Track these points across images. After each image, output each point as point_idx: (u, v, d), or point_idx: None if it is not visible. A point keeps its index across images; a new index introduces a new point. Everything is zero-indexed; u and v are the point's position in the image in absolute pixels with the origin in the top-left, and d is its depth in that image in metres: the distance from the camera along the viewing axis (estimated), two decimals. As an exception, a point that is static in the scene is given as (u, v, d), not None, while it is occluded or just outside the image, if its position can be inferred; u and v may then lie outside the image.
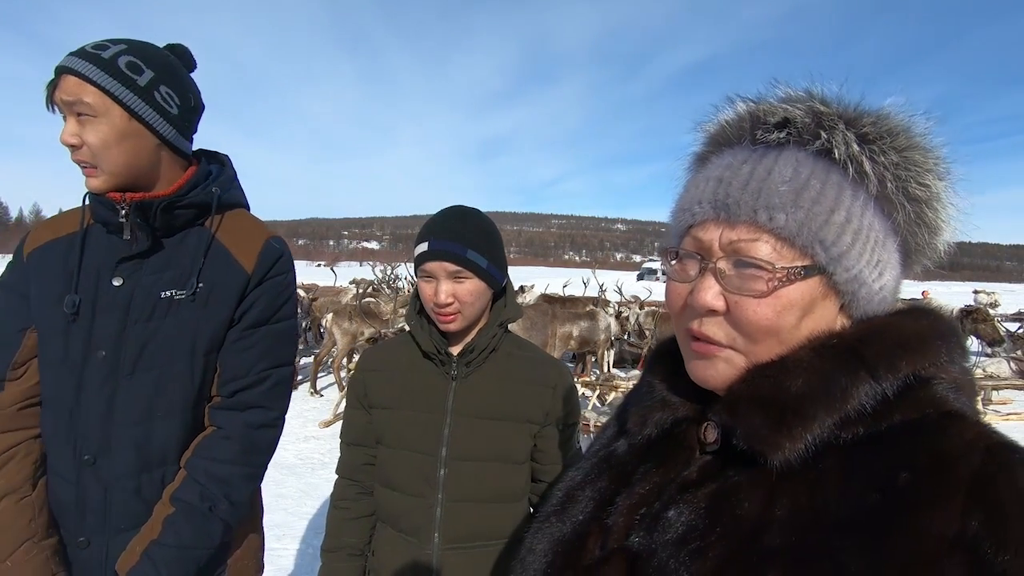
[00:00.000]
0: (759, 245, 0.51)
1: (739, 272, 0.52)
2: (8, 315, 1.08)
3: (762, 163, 0.53)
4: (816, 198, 0.50)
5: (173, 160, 1.10)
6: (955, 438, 0.45)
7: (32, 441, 1.06)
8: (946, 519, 0.41)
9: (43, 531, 1.03)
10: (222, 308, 1.08)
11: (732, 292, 0.52)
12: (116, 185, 1.03)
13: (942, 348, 0.50)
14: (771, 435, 0.49)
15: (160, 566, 1.00)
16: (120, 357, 1.03)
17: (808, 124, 0.52)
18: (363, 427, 1.23)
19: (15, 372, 1.06)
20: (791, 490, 0.47)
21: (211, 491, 1.06)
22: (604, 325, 8.19)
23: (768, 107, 0.55)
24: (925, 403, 0.48)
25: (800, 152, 0.53)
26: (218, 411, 1.11)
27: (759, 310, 0.51)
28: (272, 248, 1.15)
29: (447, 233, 1.12)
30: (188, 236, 1.10)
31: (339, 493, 1.26)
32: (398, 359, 1.22)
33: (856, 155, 0.51)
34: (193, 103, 1.11)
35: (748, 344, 0.52)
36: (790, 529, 0.45)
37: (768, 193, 0.51)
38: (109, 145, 1.00)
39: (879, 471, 0.45)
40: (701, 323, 0.54)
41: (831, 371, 0.49)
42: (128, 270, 1.05)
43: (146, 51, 1.04)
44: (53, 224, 1.12)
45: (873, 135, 0.51)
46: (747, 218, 0.51)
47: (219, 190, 1.12)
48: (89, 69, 0.97)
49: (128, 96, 1.00)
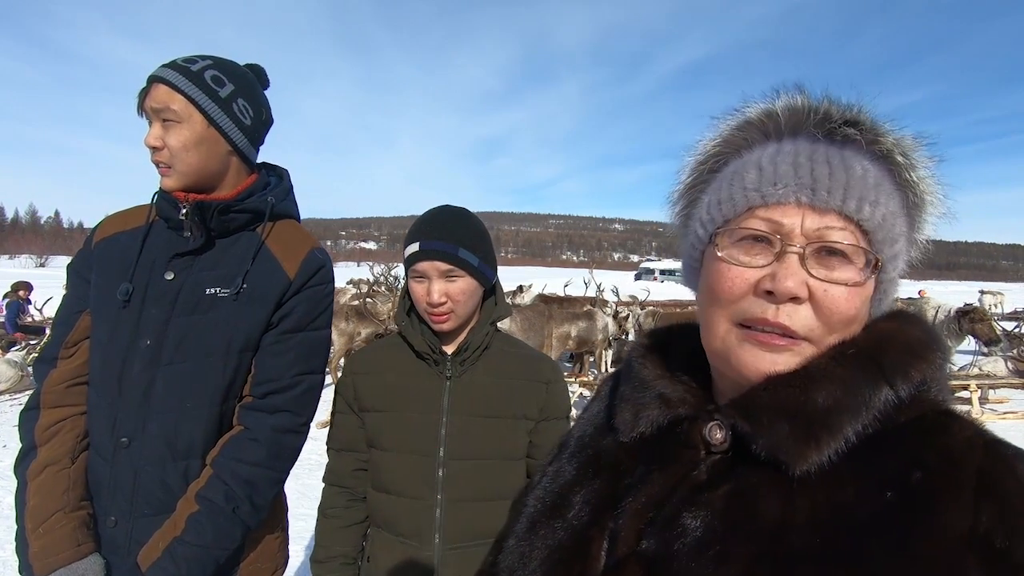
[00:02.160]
0: (847, 235, 0.51)
1: (826, 260, 0.50)
2: (71, 297, 1.17)
3: (840, 155, 0.52)
4: (888, 198, 0.52)
5: (240, 168, 1.19)
6: (956, 436, 0.46)
7: (77, 417, 1.13)
8: (959, 514, 0.42)
9: (75, 503, 1.08)
10: (261, 310, 1.13)
11: (821, 280, 0.50)
12: (185, 185, 1.12)
13: (937, 353, 0.52)
14: (797, 446, 0.47)
15: (180, 563, 1.04)
16: (162, 347, 1.09)
17: (870, 126, 0.53)
18: (353, 431, 1.21)
19: (68, 351, 1.14)
20: (809, 491, 0.47)
21: (236, 492, 1.08)
22: (602, 325, 8.19)
23: (831, 104, 0.55)
24: (925, 404, 0.50)
25: (866, 152, 0.53)
26: (248, 411, 1.14)
27: (850, 300, 0.50)
28: (315, 258, 1.20)
29: (438, 232, 1.12)
30: (240, 239, 1.17)
31: (328, 501, 1.22)
32: (388, 361, 1.21)
33: (904, 162, 0.53)
34: (264, 117, 1.21)
35: (825, 335, 0.50)
36: (813, 530, 0.45)
37: (855, 184, 0.50)
38: (188, 148, 1.09)
39: (892, 470, 0.45)
40: (778, 312, 0.50)
41: (855, 381, 0.48)
42: (180, 265, 1.12)
43: (228, 67, 1.15)
44: (123, 217, 1.20)
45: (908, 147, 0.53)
46: (836, 206, 0.50)
47: (273, 200, 1.19)
48: (179, 80, 1.07)
49: (210, 105, 1.09)
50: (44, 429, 1.11)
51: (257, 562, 1.20)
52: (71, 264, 1.20)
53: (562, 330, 7.72)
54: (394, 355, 1.21)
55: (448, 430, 1.14)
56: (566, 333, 7.78)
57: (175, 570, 1.04)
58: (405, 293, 1.21)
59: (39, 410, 1.12)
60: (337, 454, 1.23)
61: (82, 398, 1.14)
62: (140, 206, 1.20)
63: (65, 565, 1.04)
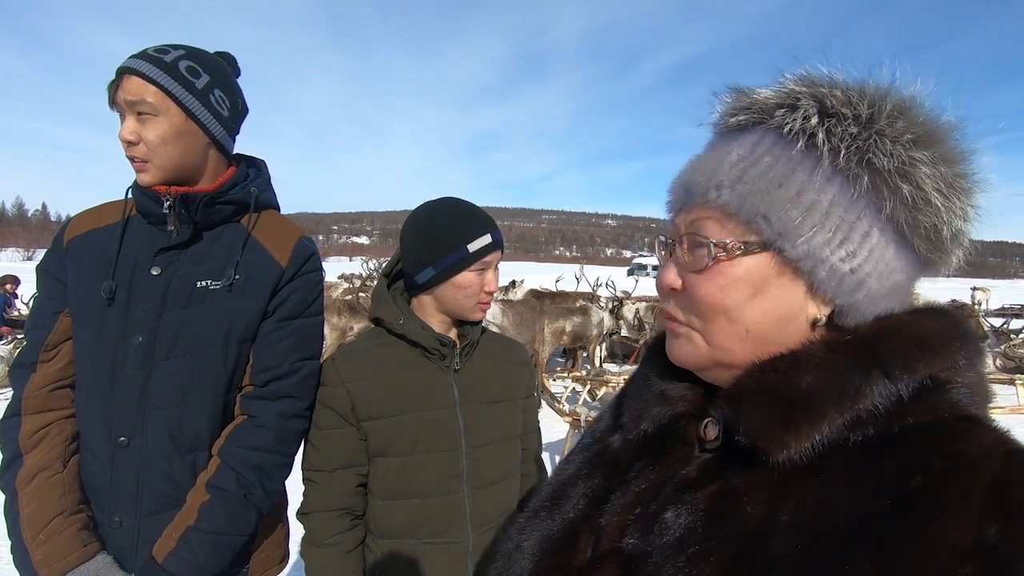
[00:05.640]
0: (708, 223, 0.52)
1: (691, 252, 0.53)
2: (45, 299, 1.14)
3: (725, 146, 0.53)
4: (763, 173, 0.50)
5: (218, 160, 1.17)
6: (973, 443, 0.43)
7: (64, 421, 1.11)
8: (962, 526, 0.39)
9: (73, 506, 1.07)
10: (256, 299, 1.13)
11: (684, 270, 0.54)
12: (164, 179, 1.09)
13: (961, 351, 0.48)
14: (776, 431, 0.47)
15: (197, 550, 1.04)
16: (155, 343, 1.08)
17: (769, 104, 0.51)
18: (352, 445, 1.14)
19: (48, 354, 1.11)
20: (796, 493, 0.45)
21: (246, 478, 1.08)
22: (597, 320, 8.21)
23: (742, 93, 0.54)
24: (942, 406, 0.46)
25: (766, 132, 0.52)
26: (251, 400, 1.14)
27: (702, 286, 0.52)
28: (304, 246, 1.20)
29: (494, 224, 1.19)
30: (225, 231, 1.15)
31: (325, 530, 1.12)
32: (384, 363, 1.16)
33: (809, 128, 0.49)
34: (240, 107, 1.19)
35: (701, 323, 0.53)
36: (796, 534, 0.43)
37: (719, 172, 0.51)
38: (166, 142, 1.06)
39: (890, 475, 0.43)
40: (668, 303, 0.56)
41: (844, 368, 0.47)
42: (166, 260, 1.10)
43: (202, 57, 1.12)
44: (95, 214, 1.17)
45: (835, 108, 0.49)
46: (701, 198, 0.52)
47: (257, 190, 1.18)
48: (152, 71, 1.04)
49: (187, 97, 1.06)
50: (28, 436, 1.07)
51: (268, 549, 1.22)
52: (41, 265, 1.16)
53: (556, 325, 7.73)
54: (387, 355, 1.17)
55: (465, 421, 1.16)
56: (560, 328, 7.79)
57: (192, 558, 1.03)
58: (395, 293, 1.20)
59: (20, 416, 1.08)
60: (331, 475, 1.13)
61: (67, 401, 1.11)
62: (112, 203, 1.17)
63: (73, 568, 1.01)
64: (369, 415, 1.13)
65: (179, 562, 1.02)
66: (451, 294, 1.15)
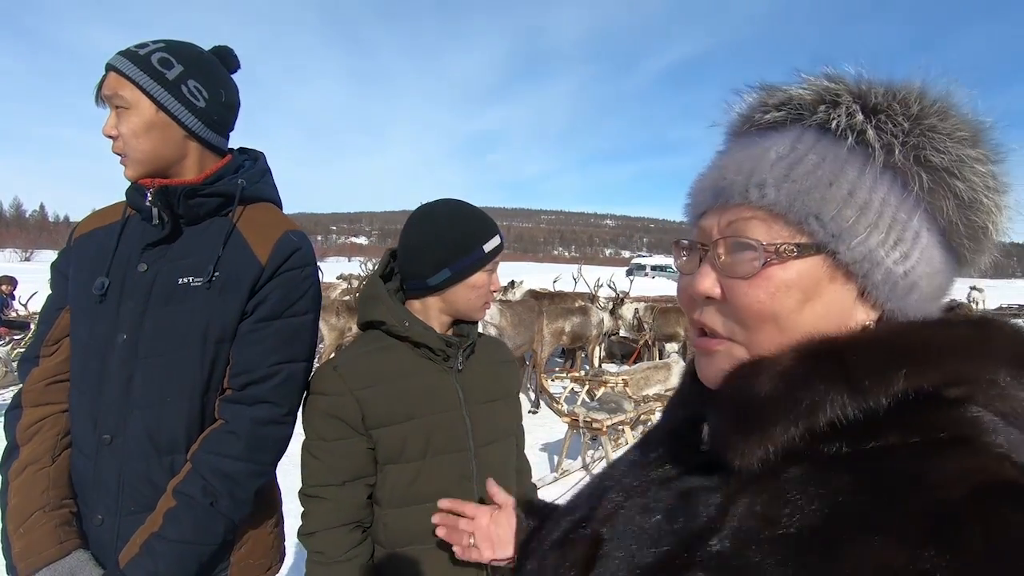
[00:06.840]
0: (752, 224, 0.48)
1: (733, 256, 0.49)
2: (53, 295, 1.17)
3: (760, 144, 0.50)
4: (812, 171, 0.47)
5: (203, 153, 1.14)
6: (948, 464, 0.39)
7: (58, 415, 1.12)
8: (893, 547, 0.36)
9: (55, 502, 1.06)
10: (234, 298, 1.09)
11: (725, 276, 0.49)
12: (143, 173, 1.08)
13: (986, 366, 0.43)
14: (730, 436, 0.47)
15: (159, 559, 1.00)
16: (138, 341, 1.07)
17: (807, 101, 0.49)
18: (362, 455, 1.10)
19: (49, 348, 1.13)
20: (749, 497, 0.45)
21: (214, 486, 1.05)
22: (596, 320, 8.21)
23: (772, 90, 0.52)
24: (940, 426, 0.41)
25: (804, 130, 0.49)
26: (227, 404, 1.10)
27: (750, 292, 0.47)
28: (288, 241, 1.14)
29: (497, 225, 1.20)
30: (211, 226, 1.12)
31: (336, 547, 1.07)
32: (390, 367, 1.13)
33: (857, 125, 0.47)
34: (225, 99, 1.15)
35: (746, 333, 0.49)
36: (734, 537, 0.43)
37: (760, 170, 0.48)
38: (137, 134, 1.06)
39: (843, 489, 0.40)
40: (702, 313, 0.51)
41: (802, 377, 0.44)
42: (152, 256, 1.09)
43: (180, 49, 1.10)
44: (102, 214, 1.19)
45: (882, 105, 0.47)
46: (739, 198, 0.49)
47: (244, 182, 1.14)
48: (125, 65, 1.04)
49: (155, 88, 1.05)
50: (25, 428, 1.09)
51: (249, 557, 1.18)
52: (54, 263, 1.19)
53: (556, 325, 7.72)
54: (391, 359, 1.13)
55: (471, 421, 1.16)
56: (560, 328, 7.78)
57: (153, 567, 1.00)
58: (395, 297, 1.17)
59: (21, 409, 1.11)
60: (341, 489, 1.08)
61: (62, 395, 1.12)
62: (119, 203, 1.18)
63: (47, 564, 1.02)
64: (380, 422, 1.09)
65: (139, 570, 1.00)
66: (464, 294, 1.14)
